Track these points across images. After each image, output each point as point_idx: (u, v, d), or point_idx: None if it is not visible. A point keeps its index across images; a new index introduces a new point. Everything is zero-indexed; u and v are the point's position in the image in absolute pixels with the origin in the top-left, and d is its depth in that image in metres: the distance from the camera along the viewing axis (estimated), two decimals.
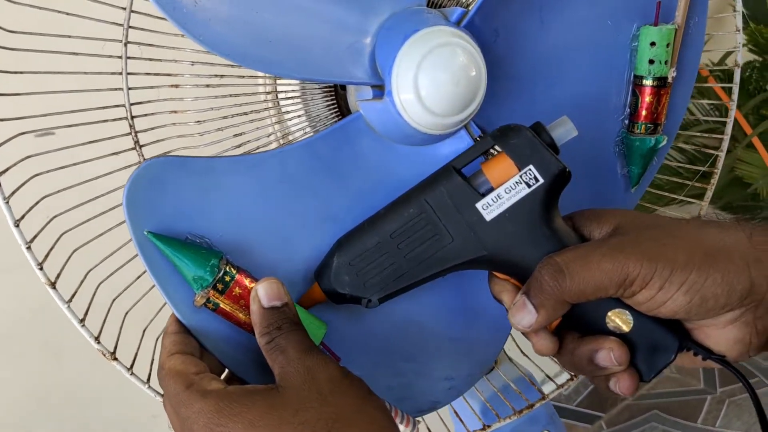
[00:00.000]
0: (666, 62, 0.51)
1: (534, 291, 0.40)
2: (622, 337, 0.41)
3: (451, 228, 0.42)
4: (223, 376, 0.43)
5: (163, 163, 0.42)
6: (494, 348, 0.54)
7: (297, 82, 0.53)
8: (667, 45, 0.51)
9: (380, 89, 0.45)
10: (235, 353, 0.43)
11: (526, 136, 0.42)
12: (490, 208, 0.42)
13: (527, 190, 0.41)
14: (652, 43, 0.51)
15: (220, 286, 0.41)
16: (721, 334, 0.40)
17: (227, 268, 0.42)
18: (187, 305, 0.42)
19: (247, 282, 0.42)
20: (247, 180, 0.44)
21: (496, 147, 0.43)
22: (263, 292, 0.41)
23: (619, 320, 0.41)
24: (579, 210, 0.44)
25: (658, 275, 0.38)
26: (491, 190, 0.42)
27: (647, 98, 0.53)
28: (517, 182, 0.41)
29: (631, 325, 0.41)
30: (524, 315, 0.41)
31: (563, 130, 0.43)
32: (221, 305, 0.42)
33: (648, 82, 0.52)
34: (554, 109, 0.47)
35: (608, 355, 0.40)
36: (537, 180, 0.41)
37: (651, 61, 0.51)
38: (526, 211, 0.42)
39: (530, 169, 0.41)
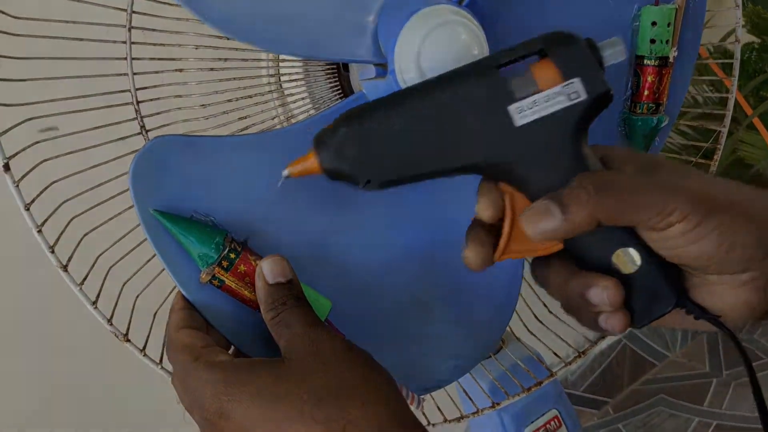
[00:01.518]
0: (667, 42, 0.51)
1: (568, 197, 0.37)
2: (623, 278, 0.39)
3: (476, 124, 0.38)
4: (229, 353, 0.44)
5: (168, 142, 0.43)
6: (498, 328, 0.54)
7: (300, 64, 0.54)
8: (668, 24, 0.51)
9: (383, 68, 0.45)
10: (240, 330, 0.44)
11: (581, 47, 0.38)
12: (524, 113, 0.38)
13: (567, 103, 0.38)
14: (654, 23, 0.51)
15: (225, 263, 0.42)
16: (732, 294, 0.39)
17: (232, 246, 0.42)
18: (193, 282, 0.43)
19: (251, 259, 0.42)
20: (251, 159, 0.45)
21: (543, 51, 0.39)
22: (268, 269, 0.41)
23: (627, 259, 0.39)
24: (608, 145, 0.42)
25: (697, 211, 0.36)
26: (528, 95, 0.38)
27: (649, 78, 0.53)
28: (557, 92, 0.38)
29: (637, 267, 0.39)
30: (548, 220, 0.37)
31: (612, 51, 0.39)
32: (226, 282, 0.42)
33: (650, 62, 0.52)
34: None
35: (601, 293, 0.39)
36: (579, 95, 0.38)
37: (652, 41, 0.52)
38: (559, 126, 0.38)
39: (575, 82, 0.38)
